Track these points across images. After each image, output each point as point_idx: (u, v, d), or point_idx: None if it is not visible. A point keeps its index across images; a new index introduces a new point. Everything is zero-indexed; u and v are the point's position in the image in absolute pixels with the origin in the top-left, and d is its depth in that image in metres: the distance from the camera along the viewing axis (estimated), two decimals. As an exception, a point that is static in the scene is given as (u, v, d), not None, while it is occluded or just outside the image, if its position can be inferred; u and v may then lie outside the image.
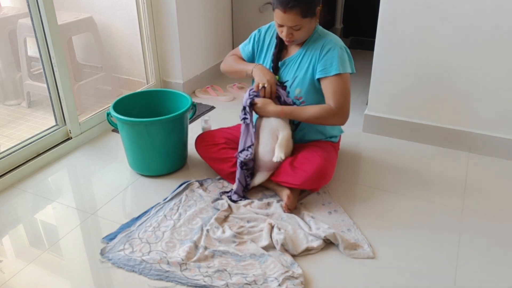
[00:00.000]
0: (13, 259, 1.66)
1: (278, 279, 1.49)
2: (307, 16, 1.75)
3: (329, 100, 1.82)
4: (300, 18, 1.74)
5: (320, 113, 1.82)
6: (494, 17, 2.03)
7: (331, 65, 1.80)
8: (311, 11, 1.76)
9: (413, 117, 2.39)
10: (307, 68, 1.86)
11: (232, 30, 3.55)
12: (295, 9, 1.72)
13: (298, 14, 1.73)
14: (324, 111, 1.81)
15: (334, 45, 1.82)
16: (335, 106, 1.80)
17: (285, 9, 1.72)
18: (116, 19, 3.02)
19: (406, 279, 1.54)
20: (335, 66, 1.79)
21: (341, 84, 1.80)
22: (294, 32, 1.79)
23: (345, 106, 1.82)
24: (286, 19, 1.75)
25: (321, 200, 1.93)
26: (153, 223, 1.78)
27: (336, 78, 1.80)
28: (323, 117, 1.83)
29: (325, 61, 1.81)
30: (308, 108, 1.85)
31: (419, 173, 2.15)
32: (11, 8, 3.20)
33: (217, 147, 2.04)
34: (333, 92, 1.81)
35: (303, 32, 1.80)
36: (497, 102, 2.19)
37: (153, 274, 1.54)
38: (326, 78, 1.81)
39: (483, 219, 1.83)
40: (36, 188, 2.07)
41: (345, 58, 1.83)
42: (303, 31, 1.80)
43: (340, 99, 1.80)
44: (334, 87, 1.80)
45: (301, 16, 1.73)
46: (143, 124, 1.98)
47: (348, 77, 1.83)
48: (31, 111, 2.93)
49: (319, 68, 1.83)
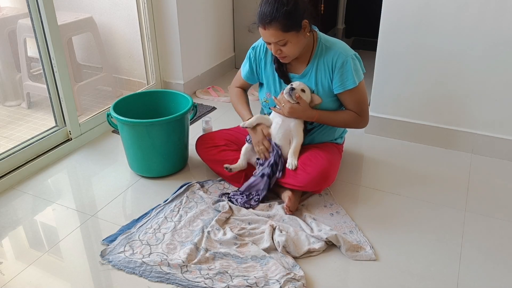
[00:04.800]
0: (13, 261, 1.65)
1: (279, 281, 1.48)
2: (290, 30, 1.70)
3: (350, 107, 1.89)
4: (281, 33, 1.70)
5: (349, 120, 1.91)
6: (497, 18, 2.03)
7: (347, 79, 1.81)
8: (294, 25, 1.70)
9: (415, 118, 2.38)
10: (323, 85, 1.86)
11: (233, 31, 3.54)
12: (274, 24, 1.68)
13: (278, 29, 1.69)
14: (353, 118, 1.90)
15: (345, 57, 1.80)
16: (360, 113, 1.90)
17: (265, 26, 1.70)
18: (116, 19, 3.02)
19: (408, 281, 1.53)
20: (352, 80, 1.81)
21: (360, 93, 1.86)
22: (282, 48, 1.75)
23: (367, 111, 1.93)
24: (268, 35, 1.72)
25: (323, 202, 1.91)
26: (153, 225, 1.77)
27: (354, 89, 1.83)
28: (351, 123, 1.93)
29: (341, 76, 1.81)
30: (338, 115, 1.91)
31: (422, 174, 2.14)
32: (11, 8, 3.19)
33: (218, 149, 2.03)
34: (355, 103, 1.88)
35: (291, 47, 1.75)
36: (500, 103, 2.17)
37: (153, 276, 1.53)
38: (344, 92, 1.84)
39: (486, 220, 1.82)
40: (36, 189, 2.06)
41: (358, 66, 1.84)
42: (290, 46, 1.74)
43: (362, 107, 1.89)
44: (354, 98, 1.87)
45: (281, 31, 1.69)
46: (143, 125, 1.97)
47: (363, 82, 1.87)
48: (31, 112, 2.92)
49: (336, 84, 1.83)
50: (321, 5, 3.53)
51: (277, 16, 1.67)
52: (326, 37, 1.88)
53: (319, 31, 1.89)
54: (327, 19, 3.88)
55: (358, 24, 4.28)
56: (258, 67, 1.99)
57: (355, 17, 4.27)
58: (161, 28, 2.91)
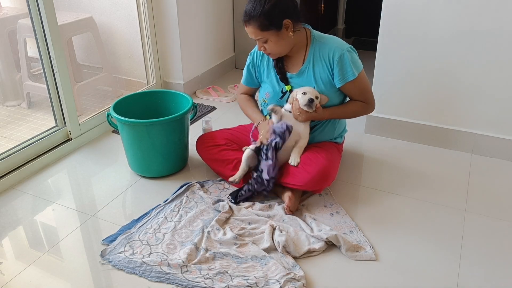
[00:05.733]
0: (13, 261, 1.65)
1: (279, 281, 1.48)
2: (268, 29, 1.75)
3: (356, 97, 1.93)
4: (259, 31, 1.76)
5: (358, 109, 1.95)
6: (497, 18, 2.02)
7: (347, 72, 1.83)
8: (273, 24, 1.75)
9: (415, 118, 2.38)
10: (323, 80, 1.88)
11: (234, 30, 3.54)
12: (252, 22, 1.75)
13: (256, 27, 1.76)
14: (360, 107, 1.94)
15: (341, 50, 1.82)
16: (366, 101, 1.94)
17: (245, 23, 1.79)
18: (116, 19, 3.02)
19: (408, 281, 1.53)
20: (351, 72, 1.83)
21: (362, 83, 1.89)
22: (264, 45, 1.82)
23: (372, 97, 1.96)
24: (249, 32, 1.81)
25: (323, 202, 1.91)
26: (153, 225, 1.77)
27: (355, 80, 1.85)
28: (361, 112, 1.97)
29: (341, 70, 1.83)
30: (347, 108, 1.95)
31: (422, 174, 2.14)
32: (11, 8, 3.19)
33: (218, 148, 2.03)
34: (359, 92, 1.91)
35: (273, 46, 1.81)
36: (500, 103, 2.17)
37: (153, 276, 1.53)
38: (346, 84, 1.86)
39: (486, 220, 1.82)
40: (36, 189, 2.06)
41: (356, 58, 1.87)
42: (271, 44, 1.80)
43: (366, 95, 1.93)
44: (358, 88, 1.89)
45: (259, 29, 1.76)
46: (143, 125, 1.97)
47: (363, 71, 1.89)
48: (31, 112, 2.92)
49: (336, 78, 1.86)
50: (321, 5, 3.53)
51: (254, 15, 1.74)
52: (320, 34, 1.91)
53: (312, 29, 1.90)
54: (327, 19, 3.88)
55: (358, 24, 4.28)
56: (257, 71, 2.02)
57: (355, 17, 4.27)
58: (161, 28, 2.91)
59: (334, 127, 2.01)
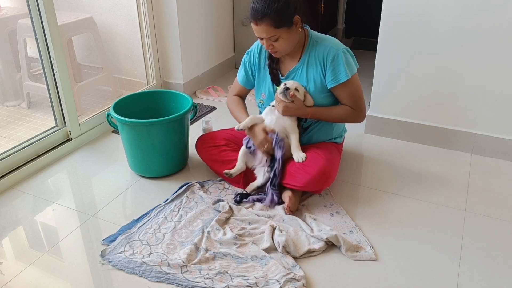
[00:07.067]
0: (13, 261, 1.65)
1: (279, 281, 1.48)
2: (281, 26, 1.73)
3: (345, 102, 1.89)
4: (273, 29, 1.73)
5: (344, 115, 1.90)
6: (497, 18, 2.02)
7: (339, 73, 1.82)
8: (286, 21, 1.74)
9: (415, 118, 2.38)
10: (315, 80, 1.87)
11: (233, 30, 3.54)
12: (265, 20, 1.72)
13: (269, 25, 1.72)
14: (348, 112, 1.89)
15: (336, 50, 1.82)
16: (355, 107, 1.89)
17: (256, 21, 1.74)
18: (116, 19, 3.02)
19: (408, 281, 1.53)
20: (344, 73, 1.81)
21: (353, 86, 1.86)
22: (274, 43, 1.79)
23: (362, 104, 1.91)
24: (260, 31, 1.76)
25: (323, 202, 1.91)
26: (153, 225, 1.77)
27: (347, 83, 1.83)
28: (347, 118, 1.92)
29: (333, 70, 1.82)
30: (333, 111, 1.90)
31: (422, 174, 2.14)
32: (11, 8, 3.19)
33: (218, 149, 2.03)
34: (349, 96, 1.87)
35: (283, 43, 1.78)
36: (500, 103, 2.17)
37: (153, 276, 1.53)
38: (337, 85, 1.84)
39: (486, 220, 1.82)
40: (36, 189, 2.06)
41: (350, 60, 1.85)
42: (282, 41, 1.78)
43: (357, 101, 1.89)
44: (348, 91, 1.86)
45: (273, 27, 1.73)
46: (143, 125, 1.97)
47: (357, 75, 1.87)
48: (31, 112, 2.92)
49: (328, 78, 1.84)
50: (321, 5, 3.52)
51: (269, 12, 1.70)
52: (317, 34, 1.91)
53: (310, 29, 1.90)
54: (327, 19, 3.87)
55: (358, 24, 4.27)
56: (253, 70, 2.01)
57: (355, 17, 4.26)
58: (161, 28, 2.91)
59: (331, 126, 2.00)
